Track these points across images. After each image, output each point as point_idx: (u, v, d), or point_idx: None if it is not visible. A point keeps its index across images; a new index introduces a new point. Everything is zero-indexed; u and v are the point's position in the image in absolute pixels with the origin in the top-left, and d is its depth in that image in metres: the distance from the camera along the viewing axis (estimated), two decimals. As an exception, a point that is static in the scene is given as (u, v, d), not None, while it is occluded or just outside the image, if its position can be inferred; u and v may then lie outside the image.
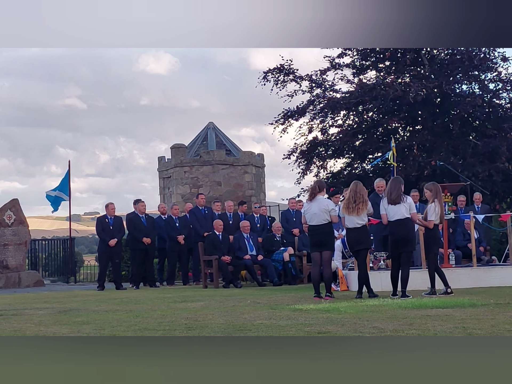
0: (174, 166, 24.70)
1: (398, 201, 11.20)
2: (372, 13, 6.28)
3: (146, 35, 6.35)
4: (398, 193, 11.28)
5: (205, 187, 24.08)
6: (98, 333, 7.30)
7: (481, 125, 23.41)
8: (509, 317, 7.77)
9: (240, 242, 16.50)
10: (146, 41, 6.44)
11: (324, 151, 24.68)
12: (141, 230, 16.79)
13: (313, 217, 11.45)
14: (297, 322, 7.84)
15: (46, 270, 24.07)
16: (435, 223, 11.30)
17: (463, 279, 13.00)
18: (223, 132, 27.01)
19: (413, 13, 6.31)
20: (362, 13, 6.26)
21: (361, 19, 6.28)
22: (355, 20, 6.27)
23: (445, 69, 22.90)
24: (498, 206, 22.16)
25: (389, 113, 23.37)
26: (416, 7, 6.33)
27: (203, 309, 9.96)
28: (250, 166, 24.87)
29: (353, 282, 13.01)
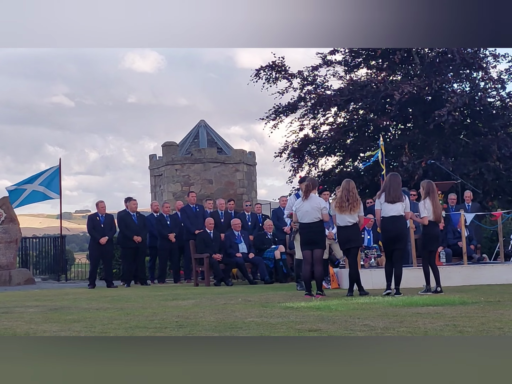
0: (166, 164, 24.65)
1: (398, 200, 11.19)
2: (362, 13, 6.27)
3: (133, 35, 6.32)
4: (398, 192, 11.27)
5: (197, 185, 24.05)
6: (88, 331, 7.28)
7: (472, 123, 23.47)
8: (499, 315, 7.80)
9: (231, 240, 16.49)
10: (133, 41, 6.41)
11: (315, 149, 24.69)
12: (132, 228, 16.76)
13: (305, 215, 11.46)
14: (288, 320, 7.84)
15: (37, 268, 23.99)
16: (430, 220, 11.29)
17: (454, 277, 13.04)
18: (214, 130, 26.98)
19: (404, 13, 6.31)
20: (352, 13, 6.26)
21: (351, 19, 6.27)
22: (345, 20, 6.26)
23: (436, 68, 22.93)
24: (490, 203, 22.23)
25: (380, 111, 23.40)
26: (407, 7, 6.33)
27: (194, 307, 9.95)
28: (242, 164, 24.85)
29: (344, 280, 13.03)
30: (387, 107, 23.39)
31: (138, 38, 6.36)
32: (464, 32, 6.50)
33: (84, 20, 6.21)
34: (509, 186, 22.56)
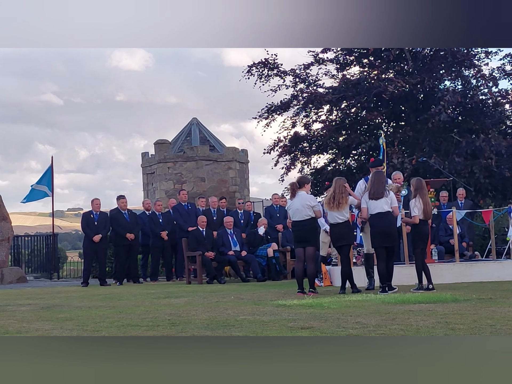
0: (158, 162, 24.62)
1: (380, 196, 11.24)
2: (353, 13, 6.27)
3: (121, 35, 6.29)
4: (380, 188, 11.31)
5: (189, 183, 24.02)
6: (81, 329, 7.28)
7: (464, 121, 23.51)
8: (491, 312, 7.82)
9: (223, 238, 16.50)
10: (121, 41, 6.38)
11: (308, 147, 24.71)
12: (124, 226, 16.74)
13: (296, 213, 11.48)
14: (280, 317, 7.84)
15: (29, 266, 23.98)
16: (420, 219, 11.31)
17: (446, 274, 13.07)
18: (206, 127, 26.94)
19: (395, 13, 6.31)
20: (343, 13, 6.25)
21: (342, 19, 6.26)
22: (335, 20, 6.26)
23: (428, 65, 22.96)
24: (482, 201, 22.27)
25: (372, 109, 23.42)
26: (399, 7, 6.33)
27: (186, 305, 9.95)
28: (234, 162, 24.83)
29: (336, 278, 13.05)
30: (379, 105, 23.42)
31: (127, 38, 6.33)
32: (457, 31, 6.51)
33: (72, 20, 6.18)
34: (501, 184, 22.60)
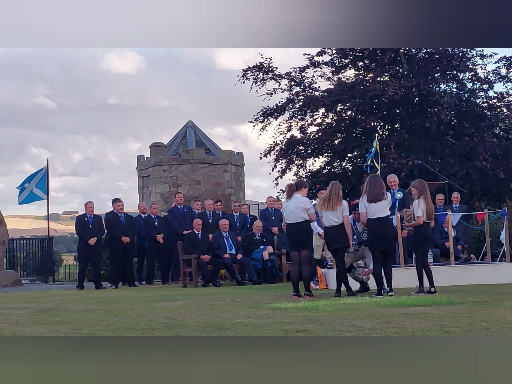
0: (153, 165, 24.60)
1: (380, 198, 11.24)
2: (349, 13, 6.27)
3: (113, 35, 6.28)
4: (380, 190, 11.32)
5: (185, 186, 24.01)
6: (76, 332, 7.27)
7: (459, 124, 23.54)
8: (486, 315, 7.83)
9: (219, 241, 16.50)
10: (113, 41, 6.37)
11: (303, 150, 24.72)
12: (120, 229, 16.74)
13: (290, 215, 11.50)
14: (276, 320, 7.85)
15: (24, 269, 23.91)
16: (424, 221, 11.32)
17: (441, 277, 13.06)
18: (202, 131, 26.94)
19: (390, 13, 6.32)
20: (338, 13, 6.26)
21: (337, 19, 6.27)
22: (330, 20, 6.26)
23: (423, 68, 22.99)
24: (477, 203, 22.29)
25: (367, 112, 23.44)
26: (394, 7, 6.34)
27: (182, 308, 9.95)
28: (230, 165, 24.82)
29: (331, 281, 13.05)
30: (374, 108, 23.44)
31: (119, 38, 6.31)
32: (452, 32, 6.52)
33: (63, 20, 6.16)
34: (495, 187, 22.64)
